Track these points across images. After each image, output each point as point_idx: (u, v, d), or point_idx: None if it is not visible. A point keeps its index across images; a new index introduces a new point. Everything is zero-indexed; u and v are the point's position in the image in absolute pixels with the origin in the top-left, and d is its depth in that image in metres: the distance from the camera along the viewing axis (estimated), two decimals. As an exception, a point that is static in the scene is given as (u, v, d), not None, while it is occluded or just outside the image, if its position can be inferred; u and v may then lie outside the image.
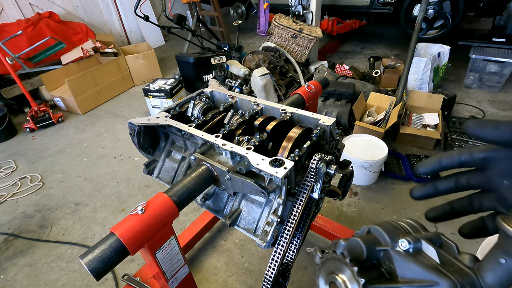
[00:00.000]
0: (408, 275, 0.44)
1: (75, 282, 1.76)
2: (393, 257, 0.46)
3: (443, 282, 0.40)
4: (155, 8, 6.08)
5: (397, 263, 0.45)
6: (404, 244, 0.45)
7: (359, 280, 0.44)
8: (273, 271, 0.83)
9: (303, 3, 3.74)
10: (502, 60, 3.19)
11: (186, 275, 1.06)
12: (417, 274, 0.43)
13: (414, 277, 0.44)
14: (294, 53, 3.77)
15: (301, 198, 0.86)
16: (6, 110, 3.30)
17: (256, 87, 3.12)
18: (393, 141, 2.70)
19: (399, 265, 0.45)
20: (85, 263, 0.69)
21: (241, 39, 5.85)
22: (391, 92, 3.16)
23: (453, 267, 0.43)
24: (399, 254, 0.45)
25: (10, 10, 4.35)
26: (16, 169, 2.80)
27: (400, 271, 0.45)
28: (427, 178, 2.23)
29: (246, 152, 0.89)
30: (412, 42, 2.74)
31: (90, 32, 4.63)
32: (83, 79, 3.69)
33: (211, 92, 1.36)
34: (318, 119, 1.04)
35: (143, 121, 1.12)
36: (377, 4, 4.39)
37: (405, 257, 0.45)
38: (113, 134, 3.25)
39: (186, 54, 3.80)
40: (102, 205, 2.30)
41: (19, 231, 2.14)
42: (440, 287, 0.40)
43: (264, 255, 1.83)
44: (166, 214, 0.82)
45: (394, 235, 0.47)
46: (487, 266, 0.41)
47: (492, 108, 3.12)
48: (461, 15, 3.85)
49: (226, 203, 1.06)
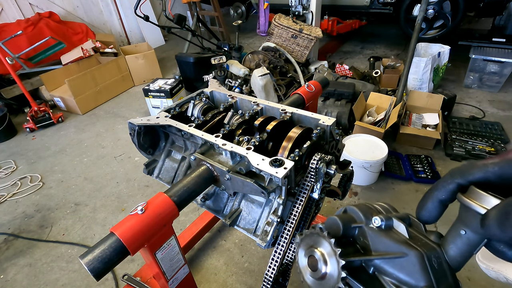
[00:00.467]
0: (381, 248, 0.48)
1: (75, 282, 1.76)
2: (367, 233, 0.50)
3: (411, 253, 0.44)
4: (155, 8, 6.08)
5: (370, 238, 0.49)
6: (377, 221, 0.49)
7: (336, 250, 0.47)
8: (273, 271, 0.83)
9: (303, 3, 3.74)
10: (502, 60, 3.19)
11: (186, 275, 1.06)
12: (389, 247, 0.47)
13: (386, 249, 0.48)
14: (294, 53, 3.77)
15: (301, 198, 0.86)
16: (6, 110, 3.30)
17: (256, 87, 3.12)
18: (393, 141, 2.70)
19: (372, 240, 0.49)
20: (85, 263, 0.69)
21: (241, 39, 5.85)
22: (391, 92, 3.16)
23: (421, 241, 0.47)
24: (372, 230, 0.49)
25: (10, 10, 4.35)
26: (16, 169, 2.80)
27: (373, 245, 0.49)
28: (427, 178, 2.23)
29: (246, 152, 0.89)
30: (412, 42, 2.74)
31: (90, 32, 4.63)
32: (83, 79, 3.69)
33: (211, 92, 1.36)
34: (318, 119, 1.04)
35: (143, 121, 1.12)
36: (377, 4, 4.39)
37: (377, 233, 0.49)
38: (113, 134, 3.25)
39: (186, 54, 3.80)
40: (102, 205, 2.30)
41: (19, 231, 2.14)
42: (409, 258, 0.44)
43: (264, 255, 1.83)
44: (166, 214, 0.82)
45: (368, 214, 0.52)
46: (449, 239, 0.44)
47: (492, 108, 3.11)
48: (461, 15, 3.85)
49: (226, 203, 1.06)
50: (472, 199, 0.39)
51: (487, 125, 2.76)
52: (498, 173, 0.36)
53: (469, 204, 0.39)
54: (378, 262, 0.48)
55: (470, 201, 0.39)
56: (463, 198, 0.41)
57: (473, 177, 0.39)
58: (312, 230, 0.53)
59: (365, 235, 0.51)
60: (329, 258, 0.49)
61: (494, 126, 2.74)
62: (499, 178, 0.36)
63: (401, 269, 0.46)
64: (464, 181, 0.40)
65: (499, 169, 0.36)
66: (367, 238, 0.50)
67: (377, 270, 0.49)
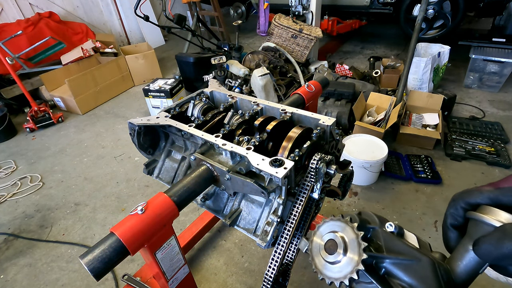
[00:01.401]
0: (394, 250, 0.50)
1: (75, 282, 1.76)
2: (381, 234, 0.52)
3: (424, 259, 0.46)
4: (155, 8, 6.08)
5: (384, 239, 0.51)
6: (390, 227, 0.52)
7: (359, 233, 0.49)
8: (273, 271, 0.83)
9: (303, 3, 3.73)
10: (502, 60, 3.19)
11: (186, 275, 1.06)
12: (402, 250, 0.49)
13: (399, 252, 0.49)
14: (294, 53, 3.77)
15: (301, 198, 0.86)
16: (6, 110, 3.30)
17: (256, 87, 3.12)
18: (393, 141, 2.70)
19: (386, 241, 0.51)
20: (85, 263, 0.69)
21: (241, 39, 5.85)
22: (391, 92, 3.16)
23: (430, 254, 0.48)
24: (386, 233, 0.52)
25: (10, 10, 4.35)
26: (16, 169, 2.80)
27: (386, 246, 0.50)
28: (426, 178, 2.23)
29: (246, 152, 0.89)
30: (412, 42, 2.74)
31: (90, 32, 4.63)
32: (83, 79, 3.69)
33: (211, 92, 1.36)
34: (318, 119, 1.04)
35: (143, 121, 1.12)
36: (377, 4, 4.39)
37: (391, 236, 0.51)
38: (113, 134, 3.25)
39: (186, 54, 3.79)
40: (102, 205, 2.30)
41: (19, 231, 2.14)
42: (421, 263, 0.45)
43: (264, 255, 1.83)
44: (166, 214, 0.82)
45: (382, 219, 0.55)
46: (456, 256, 0.45)
47: (492, 108, 3.11)
48: (461, 15, 3.85)
49: (226, 203, 1.06)
50: (485, 214, 0.42)
51: (487, 125, 2.76)
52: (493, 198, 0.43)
53: (483, 219, 0.42)
54: (389, 265, 0.49)
55: (484, 216, 0.42)
56: (475, 214, 0.43)
57: (473, 201, 0.45)
58: (332, 218, 0.55)
59: (379, 236, 0.52)
60: (350, 241, 0.50)
61: (494, 126, 2.74)
62: (493, 202, 0.43)
63: (412, 274, 0.46)
64: (465, 204, 0.46)
65: (493, 195, 0.43)
66: (381, 239, 0.51)
67: (387, 273, 0.49)
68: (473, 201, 0.45)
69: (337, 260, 0.50)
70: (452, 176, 2.28)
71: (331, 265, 0.50)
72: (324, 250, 0.52)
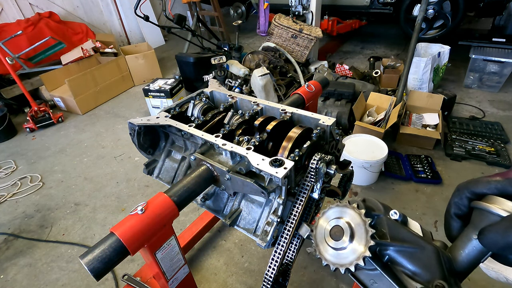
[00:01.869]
0: (399, 237, 0.50)
1: (75, 282, 1.76)
2: (386, 222, 0.52)
3: (428, 247, 0.46)
4: (155, 8, 6.08)
5: (389, 227, 0.52)
6: (395, 215, 0.52)
7: (366, 220, 0.49)
8: (273, 271, 0.83)
9: (303, 3, 3.73)
10: (502, 60, 3.19)
11: (186, 275, 1.06)
12: (406, 237, 0.49)
13: (403, 239, 0.49)
14: (294, 53, 3.77)
15: (301, 198, 0.86)
16: (6, 110, 3.30)
17: (256, 87, 3.12)
18: (393, 141, 2.70)
19: (390, 229, 0.51)
20: (85, 263, 0.69)
21: (241, 39, 5.85)
22: (391, 92, 3.16)
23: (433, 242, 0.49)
24: (391, 220, 0.52)
25: (10, 10, 4.35)
26: (16, 169, 2.80)
27: (391, 233, 0.51)
28: (427, 178, 2.23)
29: (246, 152, 0.89)
30: (412, 42, 2.74)
31: (90, 32, 4.62)
32: (83, 79, 3.69)
33: (211, 92, 1.36)
34: (318, 119, 1.04)
35: (143, 121, 1.12)
36: (377, 4, 4.39)
37: (395, 224, 0.52)
38: (113, 134, 3.25)
39: (186, 54, 3.79)
40: (102, 205, 2.30)
41: (19, 231, 2.14)
42: (425, 251, 0.46)
43: (264, 255, 1.83)
44: (166, 214, 0.82)
45: (386, 207, 0.55)
46: (459, 244, 0.46)
47: (492, 108, 3.11)
48: (461, 15, 3.85)
49: (226, 203, 1.06)
50: (491, 204, 0.42)
51: (487, 125, 2.76)
52: (500, 189, 0.42)
53: (490, 208, 0.41)
54: (393, 253, 0.49)
55: (490, 206, 0.42)
56: (482, 204, 0.43)
57: (479, 190, 0.44)
58: (339, 203, 0.56)
59: (383, 224, 0.52)
60: (356, 228, 0.50)
61: (494, 126, 2.74)
62: (500, 192, 0.42)
63: (416, 261, 0.46)
64: (471, 194, 0.45)
65: (501, 185, 0.42)
66: (385, 227, 0.52)
67: (391, 260, 0.49)
68: (479, 191, 0.44)
69: (343, 246, 0.49)
70: (452, 176, 2.28)
71: (336, 251, 0.50)
72: (329, 236, 0.52)
